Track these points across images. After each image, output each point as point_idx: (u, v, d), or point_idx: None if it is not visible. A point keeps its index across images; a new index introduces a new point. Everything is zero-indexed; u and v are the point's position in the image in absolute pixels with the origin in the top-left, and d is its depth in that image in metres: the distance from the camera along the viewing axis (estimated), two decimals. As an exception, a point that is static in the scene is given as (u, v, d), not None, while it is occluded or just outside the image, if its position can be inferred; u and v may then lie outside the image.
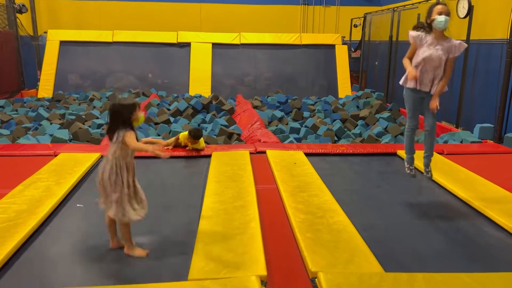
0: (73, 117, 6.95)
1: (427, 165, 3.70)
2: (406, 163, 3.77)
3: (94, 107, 8.07)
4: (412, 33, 3.37)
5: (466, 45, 3.39)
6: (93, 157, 4.59)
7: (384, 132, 6.58)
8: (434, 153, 4.96)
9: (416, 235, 3.08)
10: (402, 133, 6.58)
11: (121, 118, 2.55)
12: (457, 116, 7.00)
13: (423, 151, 3.72)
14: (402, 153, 4.96)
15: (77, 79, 10.05)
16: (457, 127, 6.86)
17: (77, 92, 9.57)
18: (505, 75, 5.70)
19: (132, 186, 2.64)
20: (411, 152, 3.72)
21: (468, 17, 6.64)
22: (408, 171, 3.74)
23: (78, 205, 3.49)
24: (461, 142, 5.78)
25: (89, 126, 6.48)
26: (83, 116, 6.98)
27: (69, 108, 8.04)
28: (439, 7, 3.27)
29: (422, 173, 3.82)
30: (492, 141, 5.71)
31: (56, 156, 4.66)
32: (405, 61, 3.42)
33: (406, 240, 3.00)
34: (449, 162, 4.67)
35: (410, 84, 3.40)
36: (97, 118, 7.09)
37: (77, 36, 10.16)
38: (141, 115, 2.61)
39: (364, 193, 3.93)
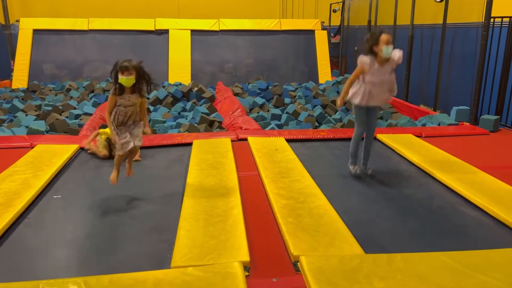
0: (50, 108, 6.79)
1: (365, 167, 3.99)
2: (350, 164, 3.95)
3: (71, 97, 7.89)
4: (365, 59, 3.59)
5: (401, 57, 3.65)
6: (71, 148, 4.51)
7: (364, 117, 6.64)
8: (412, 135, 5.09)
9: (395, 216, 3.14)
10: (381, 118, 6.67)
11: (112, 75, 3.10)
12: (435, 100, 7.12)
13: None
14: (381, 136, 5.04)
15: (52, 69, 9.79)
16: (434, 110, 6.98)
17: (53, 82, 9.33)
18: (480, 58, 5.80)
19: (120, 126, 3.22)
20: (356, 155, 3.94)
21: (444, 1, 6.71)
22: (353, 171, 3.90)
23: (55, 196, 3.43)
24: (439, 125, 5.89)
25: (67, 117, 6.34)
26: (60, 107, 6.83)
27: (45, 99, 7.85)
28: (385, 37, 3.50)
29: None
30: (468, 123, 5.83)
31: (32, 147, 4.56)
32: (346, 84, 3.76)
33: (385, 222, 3.06)
34: (427, 144, 4.76)
35: (360, 103, 3.75)
36: (75, 108, 6.95)
37: (51, 25, 9.86)
38: (123, 78, 3.03)
39: (344, 177, 3.97)
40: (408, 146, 4.66)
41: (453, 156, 4.33)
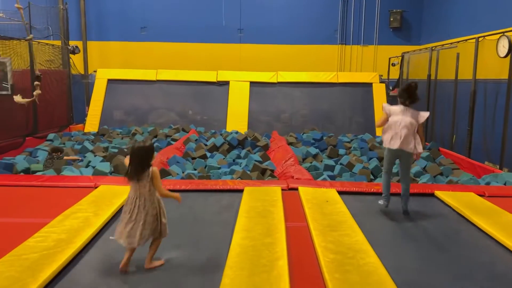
0: (116, 150, 7.27)
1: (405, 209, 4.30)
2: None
3: (136, 141, 8.40)
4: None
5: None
6: (130, 189, 4.76)
7: (423, 172, 6.41)
8: (474, 194, 4.80)
9: (452, 280, 2.93)
10: (441, 173, 6.38)
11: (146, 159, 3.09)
12: (501, 157, 6.71)
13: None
14: (440, 193, 4.81)
15: (121, 115, 10.59)
16: (500, 168, 6.57)
17: (121, 127, 10.05)
18: (551, 115, 5.47)
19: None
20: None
21: (509, 56, 6.50)
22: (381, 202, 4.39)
23: (110, 237, 3.59)
24: (505, 184, 5.51)
25: (129, 160, 6.74)
26: (125, 150, 7.29)
27: (112, 142, 8.43)
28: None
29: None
30: (539, 184, 5.41)
31: (96, 187, 4.88)
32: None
33: (440, 285, 2.86)
34: (490, 204, 4.46)
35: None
36: (138, 152, 7.37)
37: (124, 75, 10.80)
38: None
39: (398, 234, 3.80)
40: (469, 205, 4.39)
41: (520, 218, 4.02)
